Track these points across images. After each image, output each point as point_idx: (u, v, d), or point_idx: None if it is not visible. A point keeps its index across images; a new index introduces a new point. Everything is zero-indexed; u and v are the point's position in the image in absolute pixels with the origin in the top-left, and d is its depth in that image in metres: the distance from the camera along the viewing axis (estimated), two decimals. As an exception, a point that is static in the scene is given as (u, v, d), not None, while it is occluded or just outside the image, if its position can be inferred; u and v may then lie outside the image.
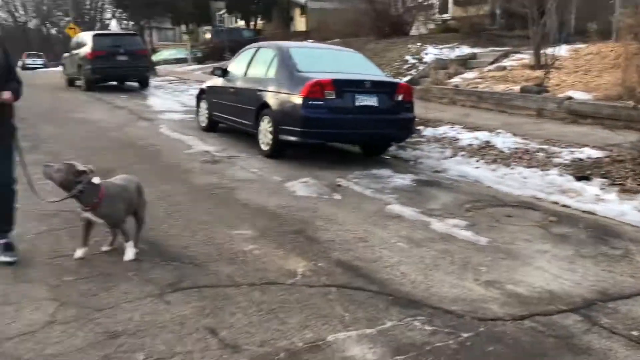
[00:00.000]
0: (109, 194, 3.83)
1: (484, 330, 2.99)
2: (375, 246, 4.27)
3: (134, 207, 4.10)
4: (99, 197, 3.75)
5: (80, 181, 3.69)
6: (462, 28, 20.25)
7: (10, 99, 3.72)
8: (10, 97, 3.72)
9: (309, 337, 2.89)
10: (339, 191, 5.93)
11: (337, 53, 8.83)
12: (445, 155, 7.76)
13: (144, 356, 2.68)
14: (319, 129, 6.95)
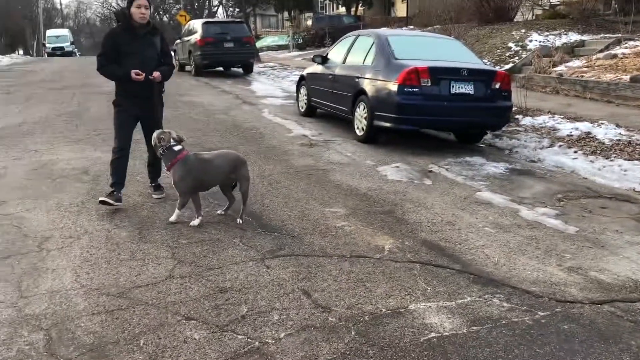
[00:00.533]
0: (183, 162, 4.34)
1: (560, 310, 3.13)
2: (462, 229, 4.45)
3: (220, 181, 4.54)
4: (172, 162, 4.32)
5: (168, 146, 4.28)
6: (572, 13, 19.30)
7: (158, 77, 4.80)
8: (159, 76, 4.79)
9: (392, 304, 3.17)
10: (429, 177, 6.11)
11: (435, 40, 8.91)
12: (542, 145, 7.66)
13: (247, 309, 3.09)
14: (413, 115, 7.13)
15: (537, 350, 2.72)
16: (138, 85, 4.69)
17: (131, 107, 4.89)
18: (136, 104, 4.86)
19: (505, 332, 2.89)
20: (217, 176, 4.53)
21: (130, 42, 4.74)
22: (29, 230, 4.25)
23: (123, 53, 4.73)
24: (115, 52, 4.76)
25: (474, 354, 2.67)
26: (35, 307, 3.08)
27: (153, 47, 4.85)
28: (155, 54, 4.87)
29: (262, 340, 2.79)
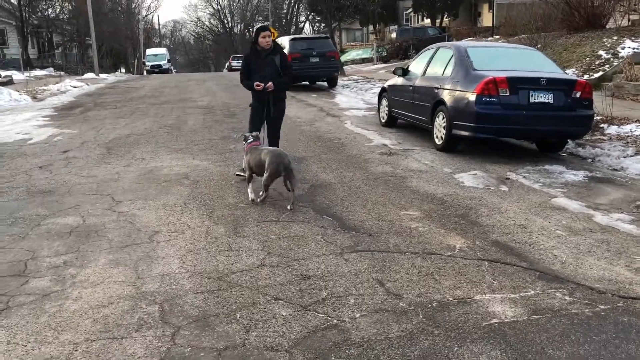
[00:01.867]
0: (250, 151, 5.66)
1: (621, 305, 3.29)
2: (533, 232, 4.64)
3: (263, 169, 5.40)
4: (245, 149, 5.77)
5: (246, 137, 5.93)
6: (671, 17, 18.41)
7: (270, 87, 6.36)
8: (271, 86, 6.35)
9: (459, 294, 3.47)
10: (506, 184, 6.29)
11: (514, 51, 9.00)
12: (626, 153, 7.57)
13: (327, 293, 3.50)
14: (491, 124, 7.31)
15: (594, 337, 2.93)
16: (261, 93, 6.41)
17: (258, 107, 6.63)
18: (261, 105, 6.58)
19: (564, 321, 3.11)
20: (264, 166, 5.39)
21: (256, 61, 6.49)
22: (141, 226, 4.91)
23: (252, 70, 6.52)
24: (247, 70, 6.59)
25: (531, 338, 2.93)
26: (150, 286, 3.66)
27: (273, 65, 6.44)
28: (275, 69, 6.44)
29: (339, 318, 3.19)
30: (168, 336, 3.02)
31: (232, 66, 48.09)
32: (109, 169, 7.14)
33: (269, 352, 2.85)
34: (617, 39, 16.74)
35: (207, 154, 8.07)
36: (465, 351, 2.82)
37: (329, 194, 5.88)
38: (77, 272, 3.90)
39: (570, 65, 15.86)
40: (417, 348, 2.86)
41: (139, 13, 59.23)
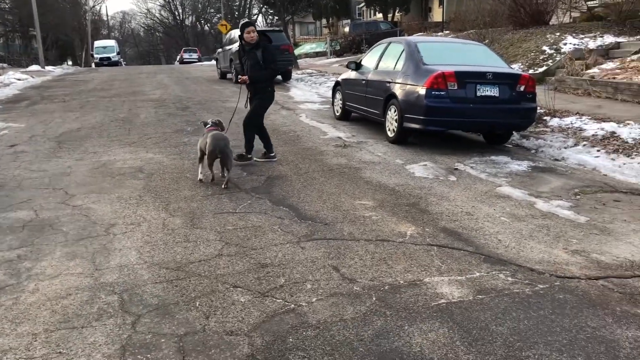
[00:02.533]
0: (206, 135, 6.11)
1: (558, 284, 3.55)
2: (479, 219, 4.89)
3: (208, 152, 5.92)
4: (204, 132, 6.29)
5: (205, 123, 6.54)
6: (610, 15, 19.27)
7: (245, 80, 6.93)
8: (246, 79, 6.91)
9: (409, 277, 3.66)
10: (454, 174, 6.55)
11: (462, 46, 9.32)
12: (567, 144, 7.98)
13: (284, 280, 3.62)
14: (440, 117, 7.57)
15: (532, 314, 3.16)
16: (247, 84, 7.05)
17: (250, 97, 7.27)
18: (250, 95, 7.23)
19: (507, 299, 3.33)
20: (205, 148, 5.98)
21: (243, 56, 7.07)
22: (97, 219, 4.90)
23: (242, 63, 7.16)
24: (242, 65, 7.19)
25: (476, 316, 3.14)
26: (108, 277, 3.69)
27: (255, 58, 6.84)
28: (256, 63, 6.84)
29: (297, 303, 3.31)
30: (129, 324, 3.08)
31: (184, 59, 47.36)
32: (61, 163, 7.04)
33: (229, 337, 2.95)
34: (560, 35, 17.45)
35: (160, 147, 8.04)
36: (415, 330, 3.00)
37: (285, 185, 5.99)
38: (32, 266, 3.89)
39: (517, 60, 16.44)
40: (370, 328, 3.02)
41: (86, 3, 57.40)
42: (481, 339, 2.90)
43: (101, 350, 2.82)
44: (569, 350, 2.78)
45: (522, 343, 2.85)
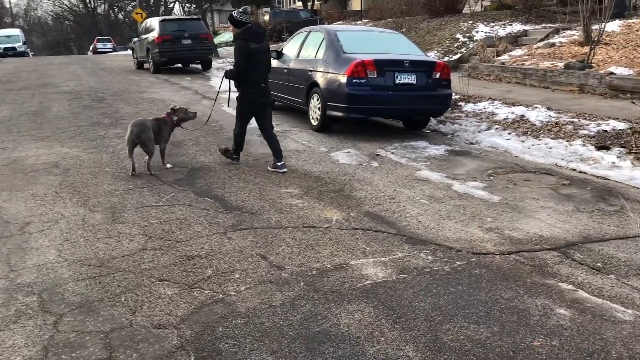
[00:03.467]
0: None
1: (475, 260, 3.76)
2: (401, 202, 5.06)
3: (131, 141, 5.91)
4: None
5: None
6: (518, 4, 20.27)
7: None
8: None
9: (336, 261, 3.75)
10: (376, 160, 6.72)
11: (380, 35, 9.53)
12: (480, 128, 8.38)
13: (212, 271, 3.62)
14: (362, 105, 7.73)
15: (452, 289, 3.34)
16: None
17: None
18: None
19: (428, 277, 3.50)
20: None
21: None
22: (9, 217, 4.66)
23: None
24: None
25: (399, 294, 3.27)
26: (26, 278, 3.54)
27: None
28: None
29: (225, 293, 3.32)
30: (50, 324, 2.97)
31: (98, 49, 45.34)
32: (-34, 161, 6.61)
33: (157, 330, 2.92)
34: (472, 24, 18.16)
35: (76, 141, 7.72)
36: (342, 311, 3.09)
37: (209, 176, 5.93)
38: (-60, 270, 3.66)
39: (433, 47, 16.98)
40: (299, 312, 3.08)
41: (-15, -11, 53.58)
42: (404, 315, 3.03)
43: (21, 353, 2.71)
44: (485, 322, 2.96)
45: (442, 317, 3.01)
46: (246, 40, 5.95)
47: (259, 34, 6.09)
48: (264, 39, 6.19)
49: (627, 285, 3.36)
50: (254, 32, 6.03)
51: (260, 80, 6.15)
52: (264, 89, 6.24)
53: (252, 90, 6.13)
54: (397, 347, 2.73)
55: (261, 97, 6.23)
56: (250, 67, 5.99)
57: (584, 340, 2.77)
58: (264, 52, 6.16)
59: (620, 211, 4.77)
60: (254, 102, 6.20)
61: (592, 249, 3.93)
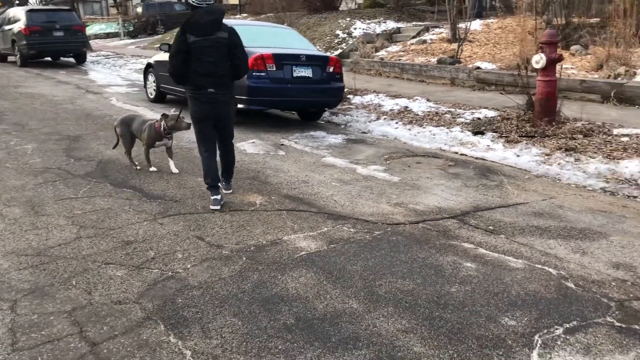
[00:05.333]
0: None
1: (390, 229, 4.30)
2: (315, 185, 5.51)
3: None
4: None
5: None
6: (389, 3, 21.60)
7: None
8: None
9: (270, 238, 4.10)
10: (282, 149, 7.12)
11: (274, 29, 9.92)
12: (370, 119, 9.08)
13: (154, 253, 3.81)
14: (262, 97, 8.07)
15: (376, 253, 3.84)
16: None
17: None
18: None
19: (354, 245, 3.97)
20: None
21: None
22: None
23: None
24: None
25: (333, 260, 3.71)
26: (-40, 271, 3.50)
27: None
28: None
29: (174, 271, 3.55)
30: (7, 309, 3.03)
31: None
32: None
33: (118, 306, 3.10)
34: (350, 20, 19.10)
35: None
36: (287, 277, 3.46)
37: (121, 168, 5.97)
38: None
39: (315, 43, 17.62)
40: (248, 282, 3.41)
41: None
42: (342, 277, 3.47)
43: (-14, 337, 2.78)
44: (409, 276, 3.49)
45: (373, 276, 3.49)
46: (184, 32, 4.64)
47: (205, 25, 4.61)
48: (215, 30, 4.67)
49: (515, 242, 4.08)
50: (197, 21, 4.62)
51: (206, 84, 4.71)
52: (212, 96, 4.75)
53: (195, 95, 4.81)
54: (342, 302, 3.17)
55: (207, 106, 4.80)
56: (185, 65, 4.69)
57: (489, 284, 3.39)
58: (213, 48, 4.65)
59: (499, 185, 5.59)
60: (200, 112, 4.87)
61: (483, 216, 4.64)
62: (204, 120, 4.90)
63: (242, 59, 4.87)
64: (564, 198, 5.17)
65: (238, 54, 4.81)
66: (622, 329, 2.87)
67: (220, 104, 4.85)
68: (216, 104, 4.82)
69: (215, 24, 4.70)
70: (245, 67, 4.96)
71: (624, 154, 6.26)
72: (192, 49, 4.64)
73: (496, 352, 2.68)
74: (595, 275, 3.52)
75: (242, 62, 4.87)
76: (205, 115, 4.87)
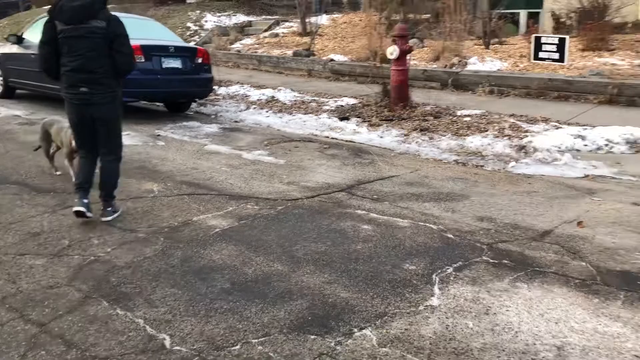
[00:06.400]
0: None
1: (290, 204, 4.72)
2: (206, 171, 5.73)
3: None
4: None
5: None
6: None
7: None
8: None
9: (180, 220, 4.30)
10: (160, 139, 7.17)
11: (139, 21, 9.73)
12: (240, 108, 9.38)
13: (68, 241, 3.83)
14: (132, 88, 7.95)
15: (285, 224, 4.23)
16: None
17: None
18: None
19: (262, 220, 4.33)
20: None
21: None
22: None
23: None
24: None
25: (248, 233, 4.04)
26: None
27: None
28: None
29: (95, 255, 3.63)
30: None
31: None
32: None
33: (52, 290, 3.15)
34: (200, 13, 19.05)
35: None
36: (210, 251, 3.73)
37: (-6, 165, 5.66)
38: None
39: (167, 35, 17.35)
40: (174, 258, 3.61)
41: None
42: (261, 246, 3.82)
43: None
44: (320, 240, 3.94)
45: (288, 242, 3.89)
46: (51, 19, 4.04)
47: (71, 10, 3.94)
48: (87, 17, 3.97)
49: (398, 206, 4.72)
50: (62, 6, 3.97)
51: (78, 82, 4.05)
52: (86, 96, 4.09)
53: (67, 95, 4.17)
54: (268, 266, 3.52)
55: (80, 108, 4.15)
56: (54, 59, 4.07)
57: (386, 240, 3.97)
58: (85, 39, 3.98)
59: (372, 162, 6.27)
60: (73, 115, 4.23)
61: (366, 188, 5.25)
62: (79, 125, 4.24)
63: (126, 52, 4.17)
64: (427, 170, 5.99)
65: (120, 47, 4.10)
66: (496, 264, 3.60)
67: (96, 105, 4.11)
68: (90, 105, 4.10)
69: (86, 9, 3.96)
70: (131, 62, 4.27)
71: (468, 131, 7.32)
72: (60, 39, 3.99)
73: (407, 290, 3.23)
74: (467, 227, 4.26)
75: (126, 57, 4.18)
76: (78, 119, 4.20)
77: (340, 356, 2.58)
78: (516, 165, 6.09)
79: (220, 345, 2.65)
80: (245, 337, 2.73)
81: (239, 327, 2.81)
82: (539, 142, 6.62)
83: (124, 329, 2.78)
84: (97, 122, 4.19)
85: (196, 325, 2.82)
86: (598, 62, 10.28)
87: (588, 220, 4.35)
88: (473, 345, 2.68)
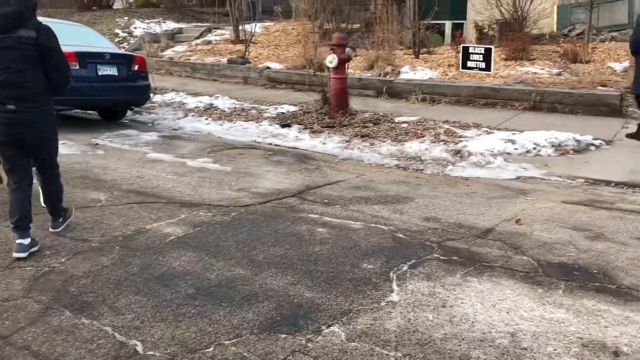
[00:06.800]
0: None
1: (244, 210, 4.76)
2: (151, 179, 5.66)
3: None
4: None
5: None
6: (163, 3, 21.48)
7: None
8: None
9: (133, 228, 4.25)
10: (99, 148, 7.00)
11: (72, 27, 9.44)
12: (178, 116, 9.28)
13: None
14: (67, 96, 7.66)
15: (241, 230, 4.28)
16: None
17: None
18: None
19: (217, 226, 4.35)
20: None
21: None
22: None
23: None
24: None
25: (204, 240, 4.05)
26: None
27: None
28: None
29: (49, 265, 3.54)
30: None
31: None
32: None
33: (9, 302, 3.06)
34: (129, 19, 18.64)
35: None
36: (169, 258, 3.72)
37: None
38: None
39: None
40: (134, 266, 3.58)
41: None
42: (220, 252, 3.85)
43: None
44: (277, 244, 4.02)
45: (247, 247, 3.94)
46: None
47: None
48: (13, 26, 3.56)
49: (349, 209, 4.87)
50: None
51: (4, 98, 3.61)
52: (13, 115, 3.63)
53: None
54: (229, 270, 3.56)
55: (6, 128, 3.67)
56: None
57: (342, 242, 4.10)
58: (12, 50, 3.57)
59: (318, 168, 6.40)
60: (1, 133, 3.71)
61: (316, 193, 5.37)
62: (6, 145, 3.75)
63: (59, 67, 3.81)
64: (371, 174, 6.19)
65: (52, 60, 3.73)
66: (446, 260, 3.81)
67: (25, 125, 3.68)
68: (18, 125, 3.66)
69: (11, 17, 3.54)
70: (65, 77, 3.91)
71: (407, 137, 7.61)
72: None
73: (368, 287, 3.37)
74: (415, 227, 4.47)
75: (60, 71, 3.81)
76: (6, 139, 3.72)
77: (312, 352, 2.68)
78: (453, 169, 6.41)
79: (193, 348, 2.68)
80: (217, 339, 2.77)
81: (209, 330, 2.84)
82: (473, 146, 7.00)
83: (92, 337, 2.75)
84: (24, 142, 3.75)
85: (166, 330, 2.83)
86: (521, 70, 10.95)
87: (525, 218, 4.67)
88: (435, 336, 2.85)
